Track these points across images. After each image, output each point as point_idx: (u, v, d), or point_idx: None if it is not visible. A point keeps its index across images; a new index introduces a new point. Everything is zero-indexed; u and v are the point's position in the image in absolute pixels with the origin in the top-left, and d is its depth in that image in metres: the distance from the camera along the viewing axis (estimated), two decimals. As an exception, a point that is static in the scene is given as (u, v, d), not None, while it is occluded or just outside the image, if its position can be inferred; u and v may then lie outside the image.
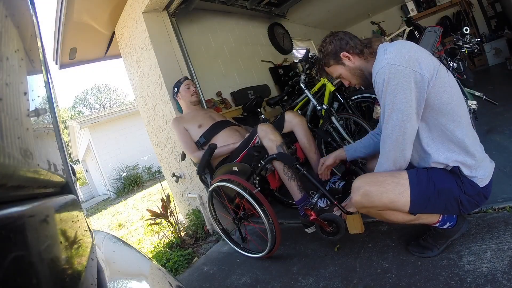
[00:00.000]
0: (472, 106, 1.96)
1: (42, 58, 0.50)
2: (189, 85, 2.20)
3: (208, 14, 3.46)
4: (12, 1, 0.36)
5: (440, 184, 1.09)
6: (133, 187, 8.62)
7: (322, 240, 1.68)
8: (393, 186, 1.10)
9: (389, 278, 1.19)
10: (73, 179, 0.57)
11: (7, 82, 0.27)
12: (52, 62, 3.00)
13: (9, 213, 0.24)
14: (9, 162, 0.24)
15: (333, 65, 1.27)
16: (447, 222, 1.21)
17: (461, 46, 2.02)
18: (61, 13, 2.28)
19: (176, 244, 2.41)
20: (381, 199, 1.11)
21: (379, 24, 4.90)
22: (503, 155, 1.78)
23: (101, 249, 0.69)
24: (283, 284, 1.46)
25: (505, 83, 3.53)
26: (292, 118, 1.82)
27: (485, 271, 1.03)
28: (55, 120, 0.52)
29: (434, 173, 1.12)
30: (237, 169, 1.70)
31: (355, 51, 1.22)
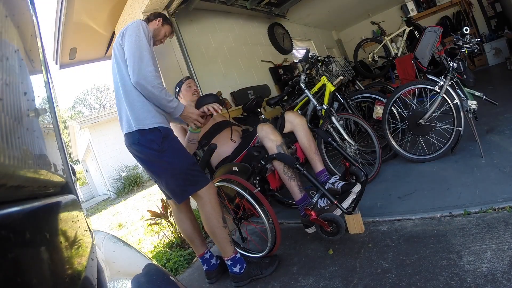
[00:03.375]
0: (472, 106, 1.96)
1: (42, 58, 0.50)
2: (191, 84, 2.20)
3: (208, 14, 3.46)
4: (12, 1, 0.36)
5: None
6: (133, 187, 8.63)
7: (322, 240, 1.68)
8: None
9: (389, 278, 1.19)
10: (73, 179, 0.57)
11: (7, 82, 0.27)
12: (52, 62, 3.01)
13: (9, 213, 0.24)
14: (9, 162, 0.24)
15: None
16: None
17: (461, 46, 2.02)
18: (61, 13, 2.28)
19: (176, 244, 2.41)
20: None
21: (379, 24, 4.90)
22: (503, 155, 1.78)
23: (101, 249, 0.69)
24: (283, 284, 1.46)
25: (505, 83, 3.53)
26: (293, 119, 1.82)
27: (485, 271, 1.03)
28: (55, 120, 0.52)
29: None
30: (237, 169, 1.70)
31: None
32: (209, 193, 1.51)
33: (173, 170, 1.47)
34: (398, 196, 1.84)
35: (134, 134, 1.45)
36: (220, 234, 1.52)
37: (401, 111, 2.28)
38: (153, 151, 1.43)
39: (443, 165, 2.00)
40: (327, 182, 1.68)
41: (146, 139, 1.44)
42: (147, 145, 1.44)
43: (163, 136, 1.46)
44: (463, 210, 1.42)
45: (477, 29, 5.08)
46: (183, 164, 1.48)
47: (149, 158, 1.47)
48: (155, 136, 1.44)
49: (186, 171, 1.47)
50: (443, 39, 3.91)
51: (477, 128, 1.99)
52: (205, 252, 1.75)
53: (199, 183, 1.49)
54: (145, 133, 1.44)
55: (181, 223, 1.80)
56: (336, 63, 3.14)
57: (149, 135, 1.44)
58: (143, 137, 1.44)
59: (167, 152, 1.45)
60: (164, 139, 1.45)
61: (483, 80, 4.01)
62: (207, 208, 1.50)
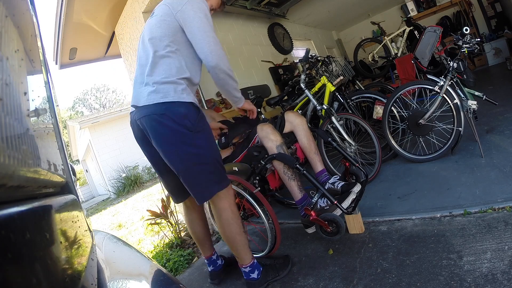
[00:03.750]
0: (472, 106, 1.96)
1: (42, 58, 0.50)
2: None
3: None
4: (12, 1, 0.36)
5: None
6: (133, 187, 8.63)
7: (322, 240, 1.68)
8: None
9: (389, 278, 1.19)
10: (73, 179, 0.57)
11: (7, 82, 0.27)
12: (52, 62, 3.01)
13: (9, 213, 0.24)
14: (9, 162, 0.24)
15: None
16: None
17: (461, 46, 2.02)
18: (61, 13, 2.28)
19: (176, 244, 2.41)
20: None
21: (379, 24, 4.90)
22: (503, 155, 1.78)
23: (101, 249, 0.69)
24: (283, 284, 1.46)
25: (505, 83, 3.53)
26: (293, 119, 1.82)
27: (485, 271, 1.03)
28: (55, 120, 0.52)
29: None
30: (237, 169, 1.70)
31: None
32: (230, 195, 1.34)
33: (202, 158, 1.23)
34: (398, 196, 1.85)
35: (159, 105, 1.20)
36: (240, 241, 1.37)
37: (401, 111, 2.28)
38: (184, 129, 1.20)
39: (443, 165, 2.00)
40: (327, 182, 1.68)
41: (177, 112, 1.19)
42: (176, 120, 1.19)
43: (200, 115, 1.26)
44: (463, 210, 1.42)
45: (477, 29, 5.08)
46: (214, 153, 1.28)
47: (174, 136, 1.20)
48: (190, 111, 1.23)
49: (215, 162, 1.27)
50: (443, 39, 3.91)
51: (477, 128, 1.99)
52: (213, 254, 1.71)
53: (223, 182, 1.30)
54: (177, 106, 1.20)
55: (192, 225, 1.64)
56: (336, 63, 3.14)
57: (182, 108, 1.21)
58: (173, 109, 1.19)
59: (201, 134, 1.23)
60: (200, 119, 1.25)
61: (483, 80, 4.01)
62: (227, 213, 1.32)
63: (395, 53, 4.05)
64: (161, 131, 1.21)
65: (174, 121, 1.19)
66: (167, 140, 1.22)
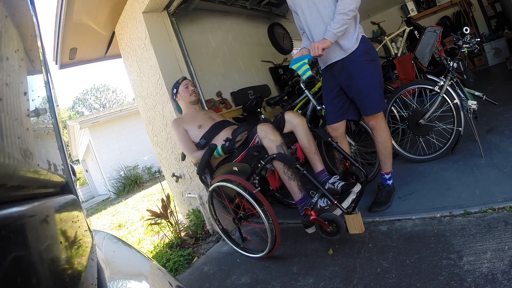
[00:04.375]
0: (472, 106, 1.96)
1: (42, 58, 0.50)
2: (188, 85, 2.19)
3: (208, 14, 3.46)
4: (12, 1, 0.36)
5: None
6: (133, 187, 8.63)
7: (322, 240, 1.68)
8: None
9: (389, 278, 1.19)
10: (73, 179, 0.57)
11: (7, 82, 0.27)
12: (52, 62, 3.01)
13: (9, 213, 0.24)
14: (9, 162, 0.24)
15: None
16: (391, 179, 1.86)
17: (461, 46, 2.02)
18: (61, 14, 2.28)
19: (176, 244, 2.41)
20: None
21: (379, 24, 4.90)
22: (503, 155, 1.78)
23: (101, 249, 0.69)
24: (283, 284, 1.46)
25: (505, 83, 3.53)
26: (293, 118, 1.82)
27: (485, 271, 1.03)
28: (55, 120, 0.52)
29: None
30: (237, 169, 1.70)
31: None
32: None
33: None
34: (398, 196, 1.85)
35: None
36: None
37: (401, 111, 2.28)
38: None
39: (443, 165, 2.00)
40: (327, 182, 1.68)
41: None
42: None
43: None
44: (463, 210, 1.42)
45: (477, 29, 5.07)
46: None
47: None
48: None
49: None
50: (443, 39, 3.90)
51: (477, 128, 1.99)
52: (391, 172, 1.88)
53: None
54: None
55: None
56: (336, 63, 3.13)
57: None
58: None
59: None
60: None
61: (483, 80, 4.01)
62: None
63: (395, 53, 4.04)
64: None
65: None
66: None
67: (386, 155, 1.81)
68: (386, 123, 1.81)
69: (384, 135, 1.78)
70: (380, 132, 1.77)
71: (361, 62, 1.62)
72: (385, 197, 1.80)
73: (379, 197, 1.81)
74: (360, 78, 1.64)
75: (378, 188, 1.86)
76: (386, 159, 1.83)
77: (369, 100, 1.67)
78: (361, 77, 1.64)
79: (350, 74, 1.65)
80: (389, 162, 1.83)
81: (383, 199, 1.79)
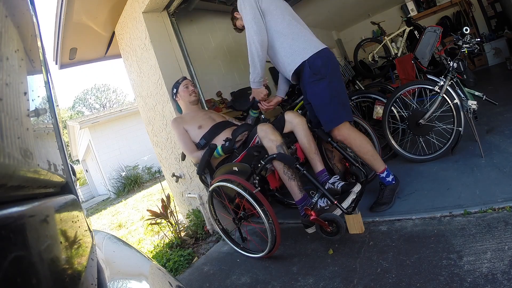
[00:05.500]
0: (472, 106, 1.96)
1: (42, 58, 0.50)
2: (188, 85, 2.19)
3: (208, 14, 3.46)
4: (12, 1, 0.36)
5: None
6: (133, 187, 8.62)
7: (322, 240, 1.68)
8: None
9: (389, 278, 1.19)
10: (73, 179, 0.57)
11: (7, 82, 0.27)
12: (52, 62, 3.01)
13: (9, 213, 0.24)
14: (9, 162, 0.24)
15: (236, 22, 2.16)
16: (390, 175, 1.79)
17: (461, 46, 2.02)
18: (61, 14, 2.28)
19: (176, 244, 2.41)
20: None
21: (379, 24, 4.90)
22: (503, 155, 1.78)
23: (101, 249, 0.69)
24: (283, 284, 1.46)
25: (505, 83, 3.53)
26: (292, 118, 1.82)
27: (485, 271, 1.03)
28: (55, 120, 0.52)
29: None
30: (237, 169, 1.70)
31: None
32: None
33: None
34: (398, 196, 1.85)
35: None
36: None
37: (401, 111, 2.27)
38: None
39: (443, 165, 2.00)
40: (327, 182, 1.68)
41: None
42: None
43: None
44: (463, 210, 1.42)
45: (477, 29, 5.07)
46: None
47: None
48: None
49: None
50: (443, 39, 3.90)
51: (477, 128, 1.99)
52: (386, 169, 1.83)
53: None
54: None
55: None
56: (336, 63, 3.13)
57: None
58: None
59: None
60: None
61: (483, 80, 4.01)
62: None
63: (395, 53, 4.04)
64: None
65: None
66: None
67: (369, 158, 1.77)
68: (352, 130, 1.77)
69: (356, 143, 1.74)
70: (350, 141, 1.74)
71: (309, 83, 1.71)
72: (386, 196, 1.78)
73: (380, 197, 1.80)
74: (312, 98, 1.74)
75: (380, 188, 1.85)
76: (373, 161, 1.78)
77: (324, 116, 1.73)
78: (312, 97, 1.73)
79: (305, 93, 1.80)
80: (377, 162, 1.79)
81: (384, 199, 1.78)
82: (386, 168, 1.81)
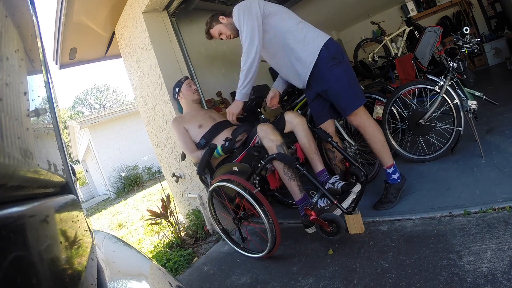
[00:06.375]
0: (472, 106, 1.96)
1: (42, 58, 0.50)
2: (191, 84, 2.21)
3: (208, 14, 3.42)
4: (12, 1, 0.36)
5: None
6: (133, 187, 8.62)
7: (322, 240, 1.68)
8: None
9: (389, 278, 1.19)
10: (73, 179, 0.57)
11: (7, 82, 0.27)
12: (52, 62, 3.01)
13: (9, 213, 0.24)
14: (9, 162, 0.24)
15: (214, 26, 1.97)
16: (396, 172, 1.77)
17: (461, 46, 2.02)
18: (61, 14, 2.28)
19: (176, 244, 2.41)
20: None
21: (379, 24, 4.90)
22: (503, 155, 1.78)
23: (101, 249, 0.69)
24: (283, 284, 1.46)
25: (505, 83, 3.53)
26: (293, 118, 1.82)
27: (485, 271, 1.03)
28: (55, 120, 0.52)
29: None
30: (237, 169, 1.70)
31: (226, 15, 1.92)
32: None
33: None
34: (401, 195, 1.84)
35: None
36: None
37: (401, 111, 2.27)
38: None
39: (443, 165, 2.00)
40: (327, 182, 1.68)
41: None
42: None
43: None
44: (463, 210, 1.42)
45: (477, 29, 5.07)
46: None
47: None
48: None
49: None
50: (443, 39, 3.90)
51: (477, 128, 1.99)
52: (393, 165, 1.80)
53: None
54: None
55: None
56: (336, 63, 3.13)
57: None
58: None
59: None
60: None
61: (483, 80, 4.01)
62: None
63: (395, 53, 4.04)
64: None
65: None
66: None
67: (379, 149, 1.78)
68: (368, 116, 1.79)
69: (370, 130, 1.76)
70: (366, 128, 1.76)
71: (328, 68, 1.69)
72: (391, 195, 1.77)
73: (384, 195, 1.79)
74: (333, 82, 1.71)
75: (385, 186, 1.83)
76: (382, 153, 1.78)
77: (343, 101, 1.73)
78: (332, 82, 1.71)
79: (322, 81, 1.75)
80: (386, 155, 1.78)
81: (388, 198, 1.77)
82: (394, 164, 1.78)
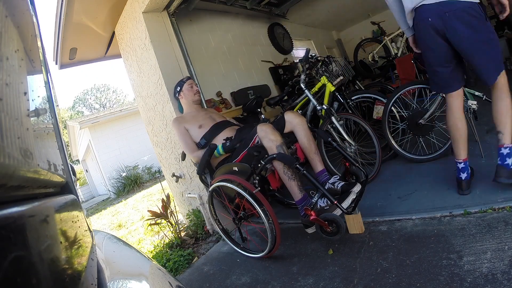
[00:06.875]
0: (472, 106, 1.96)
1: (42, 58, 0.50)
2: (192, 84, 2.22)
3: (208, 14, 3.46)
4: (12, 1, 0.36)
5: None
6: (133, 187, 8.63)
7: (322, 240, 1.68)
8: None
9: (389, 278, 1.19)
10: (73, 179, 0.57)
11: (7, 82, 0.27)
12: (52, 62, 3.01)
13: (9, 213, 0.24)
14: (9, 162, 0.24)
15: None
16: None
17: (461, 46, 2.02)
18: (61, 14, 2.28)
19: (176, 244, 2.41)
20: None
21: (379, 24, 4.90)
22: (503, 155, 1.78)
23: (101, 249, 0.69)
24: (283, 284, 1.46)
25: (505, 83, 3.53)
26: (293, 118, 1.82)
27: (485, 271, 1.03)
28: (55, 120, 0.52)
29: None
30: (237, 169, 1.70)
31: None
32: None
33: None
34: (398, 196, 1.85)
35: None
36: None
37: (401, 111, 2.28)
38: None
39: (443, 165, 2.00)
40: (327, 182, 1.68)
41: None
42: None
43: None
44: (463, 210, 1.42)
45: (477, 29, 5.07)
46: None
47: None
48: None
49: None
50: (443, 39, 3.89)
51: (477, 128, 1.99)
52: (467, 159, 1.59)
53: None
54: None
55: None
56: (336, 63, 3.14)
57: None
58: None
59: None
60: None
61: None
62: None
63: (395, 53, 4.04)
64: None
65: None
66: None
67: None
68: None
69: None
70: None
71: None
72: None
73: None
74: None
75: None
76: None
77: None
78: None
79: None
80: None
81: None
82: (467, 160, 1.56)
